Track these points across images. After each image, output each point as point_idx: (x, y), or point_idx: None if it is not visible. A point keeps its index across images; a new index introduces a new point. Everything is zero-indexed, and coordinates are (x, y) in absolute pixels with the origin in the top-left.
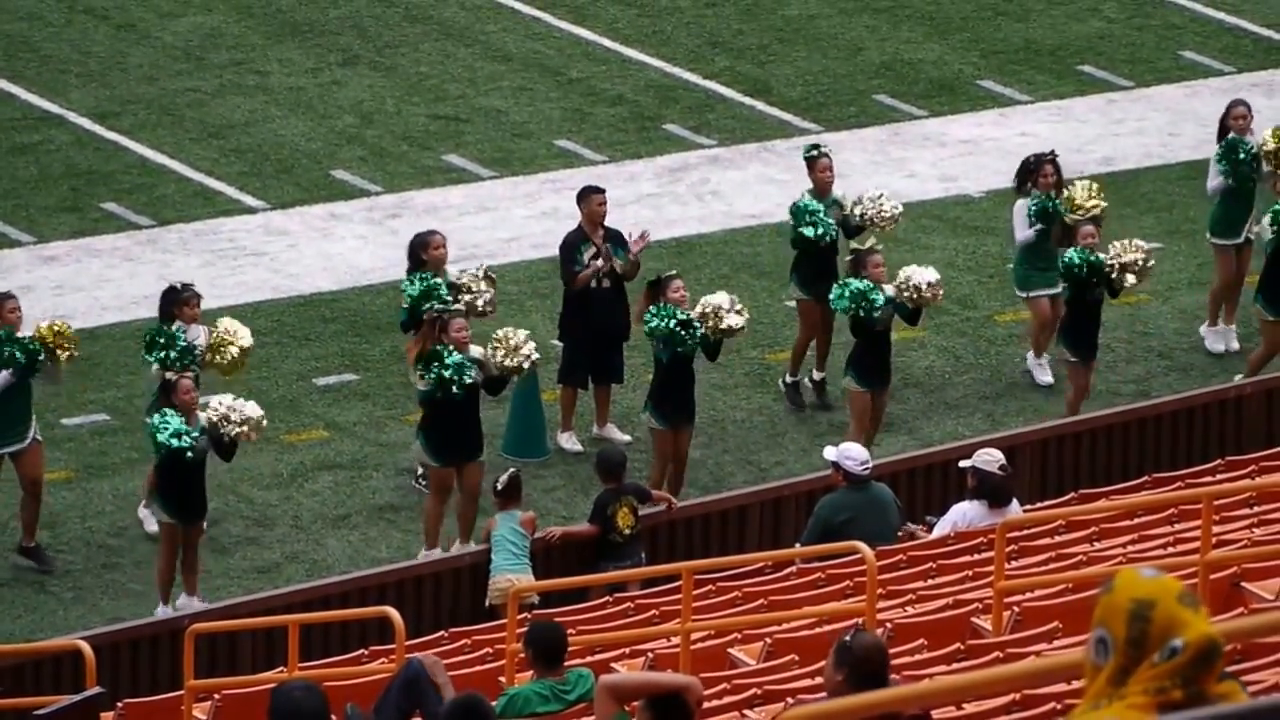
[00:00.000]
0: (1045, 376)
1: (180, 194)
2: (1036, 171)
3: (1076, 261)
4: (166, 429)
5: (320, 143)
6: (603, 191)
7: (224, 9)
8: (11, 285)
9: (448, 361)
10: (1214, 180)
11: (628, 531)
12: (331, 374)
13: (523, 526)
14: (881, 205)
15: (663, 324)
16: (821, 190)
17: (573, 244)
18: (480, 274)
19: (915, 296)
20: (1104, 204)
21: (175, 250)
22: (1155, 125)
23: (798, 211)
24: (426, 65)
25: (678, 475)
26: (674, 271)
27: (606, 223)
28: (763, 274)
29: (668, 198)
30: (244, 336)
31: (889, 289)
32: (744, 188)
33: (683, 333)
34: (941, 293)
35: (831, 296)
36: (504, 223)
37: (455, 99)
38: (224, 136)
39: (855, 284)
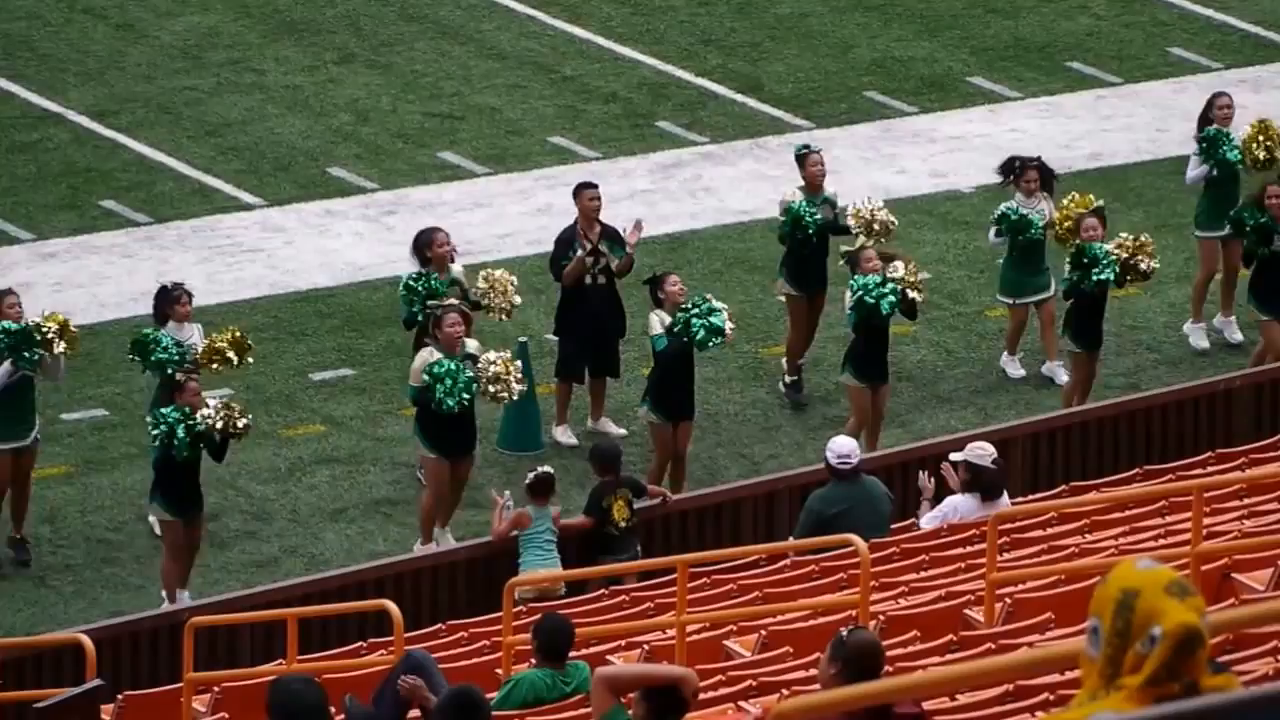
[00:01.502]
0: (1018, 370)
1: (178, 191)
2: (1021, 175)
3: (1084, 252)
4: (168, 422)
5: (317, 140)
6: (595, 187)
7: (221, 8)
8: (11, 282)
9: (441, 372)
10: (1194, 170)
11: (623, 524)
12: (328, 369)
13: (553, 523)
14: (876, 214)
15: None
16: (813, 187)
17: (566, 241)
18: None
19: (902, 281)
20: (1099, 203)
21: (173, 247)
22: (1143, 121)
23: (791, 213)
24: (422, 63)
25: (678, 470)
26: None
27: (601, 218)
28: (755, 269)
29: (660, 194)
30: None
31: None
32: (736, 184)
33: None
34: (923, 275)
35: (848, 306)
36: (499, 219)
37: (450, 97)
38: (221, 134)
39: (861, 279)
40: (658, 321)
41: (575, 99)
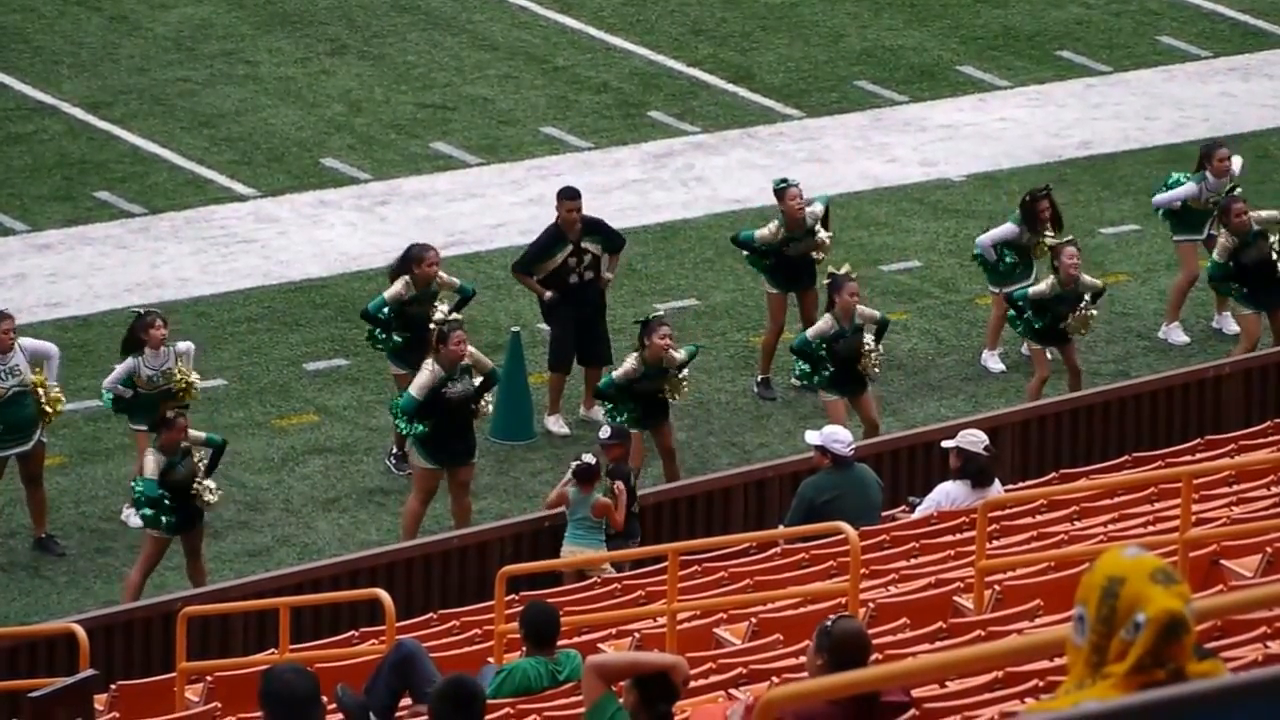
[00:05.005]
0: (998, 365)
1: (172, 182)
2: (1035, 211)
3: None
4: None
5: (310, 131)
6: (577, 198)
7: (214, 0)
8: (5, 274)
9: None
10: (1165, 197)
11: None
12: (321, 359)
13: (593, 513)
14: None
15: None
16: (792, 223)
17: (551, 239)
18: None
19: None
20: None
21: (167, 238)
22: (1133, 109)
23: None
24: (414, 54)
25: (670, 467)
26: (661, 313)
27: (593, 210)
28: (746, 258)
29: (652, 183)
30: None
31: (863, 311)
32: (727, 173)
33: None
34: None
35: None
36: (491, 209)
37: (442, 87)
38: (215, 125)
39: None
40: (632, 366)
41: (567, 89)
